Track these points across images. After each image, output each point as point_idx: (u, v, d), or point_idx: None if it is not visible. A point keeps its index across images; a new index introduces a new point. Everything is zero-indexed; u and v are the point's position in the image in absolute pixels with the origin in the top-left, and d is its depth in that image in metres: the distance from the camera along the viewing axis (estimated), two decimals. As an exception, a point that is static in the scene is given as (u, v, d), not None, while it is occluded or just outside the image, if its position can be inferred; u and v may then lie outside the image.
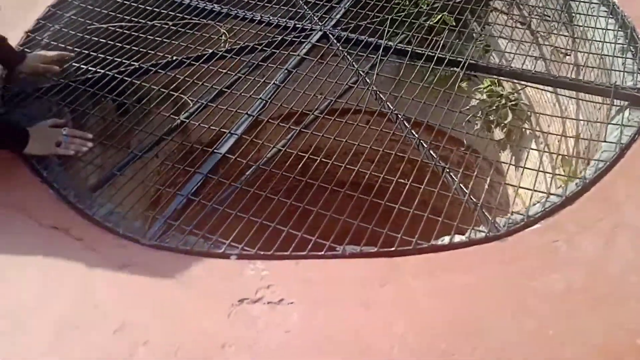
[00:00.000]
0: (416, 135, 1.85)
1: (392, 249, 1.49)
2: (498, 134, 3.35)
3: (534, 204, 1.63)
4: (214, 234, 1.57)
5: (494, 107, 3.34)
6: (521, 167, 1.76)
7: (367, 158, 1.93)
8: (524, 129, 3.26)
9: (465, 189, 1.65)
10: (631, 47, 2.20)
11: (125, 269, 1.47)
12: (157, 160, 2.00)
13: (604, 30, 2.32)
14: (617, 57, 2.18)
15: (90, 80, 2.12)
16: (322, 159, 1.76)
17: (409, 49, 2.26)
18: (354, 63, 2.20)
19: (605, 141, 1.80)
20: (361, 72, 2.15)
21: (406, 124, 1.90)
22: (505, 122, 3.28)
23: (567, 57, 2.49)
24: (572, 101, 2.67)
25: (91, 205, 1.66)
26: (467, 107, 3.17)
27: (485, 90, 3.39)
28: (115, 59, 2.21)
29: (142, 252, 1.51)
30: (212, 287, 1.41)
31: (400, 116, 1.91)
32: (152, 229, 1.58)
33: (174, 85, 2.10)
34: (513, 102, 3.29)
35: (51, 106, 2.03)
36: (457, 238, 1.53)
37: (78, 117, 2.09)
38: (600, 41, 2.27)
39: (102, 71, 2.15)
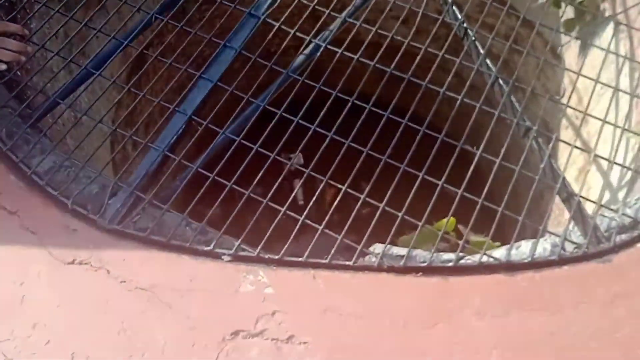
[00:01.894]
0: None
1: (450, 264, 1.06)
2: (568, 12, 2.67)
3: (649, 195, 1.16)
4: (200, 211, 1.13)
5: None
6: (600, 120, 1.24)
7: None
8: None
9: (556, 169, 1.16)
10: None
11: (76, 269, 1.05)
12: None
13: None
14: None
15: None
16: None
17: None
18: None
19: None
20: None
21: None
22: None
23: None
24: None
25: (31, 153, 1.19)
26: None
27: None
28: None
29: (98, 240, 1.08)
30: (195, 309, 1.02)
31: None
32: (114, 202, 1.13)
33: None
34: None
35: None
36: (540, 247, 1.09)
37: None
38: None
39: None
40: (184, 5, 1.36)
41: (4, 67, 1.24)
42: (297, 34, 1.31)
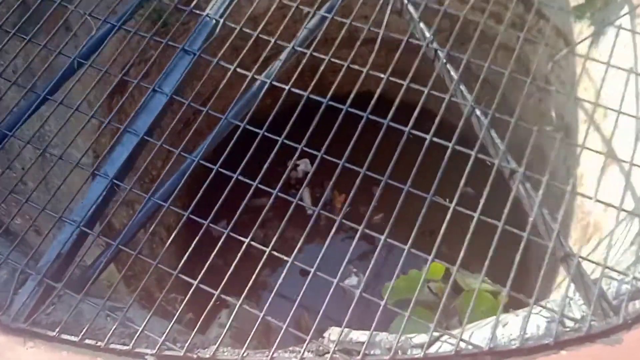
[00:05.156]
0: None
1: (419, 355, 0.86)
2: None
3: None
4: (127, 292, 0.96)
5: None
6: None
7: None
8: None
9: (549, 222, 0.95)
10: None
11: (-27, 381, 0.89)
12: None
13: None
14: None
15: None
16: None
17: None
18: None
19: None
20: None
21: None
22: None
23: None
24: None
25: None
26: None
27: None
28: None
29: (1, 345, 0.92)
30: None
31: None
32: (22, 292, 0.96)
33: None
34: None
35: None
36: (533, 324, 0.88)
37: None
38: None
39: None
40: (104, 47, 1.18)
41: None
42: (238, 69, 1.12)
